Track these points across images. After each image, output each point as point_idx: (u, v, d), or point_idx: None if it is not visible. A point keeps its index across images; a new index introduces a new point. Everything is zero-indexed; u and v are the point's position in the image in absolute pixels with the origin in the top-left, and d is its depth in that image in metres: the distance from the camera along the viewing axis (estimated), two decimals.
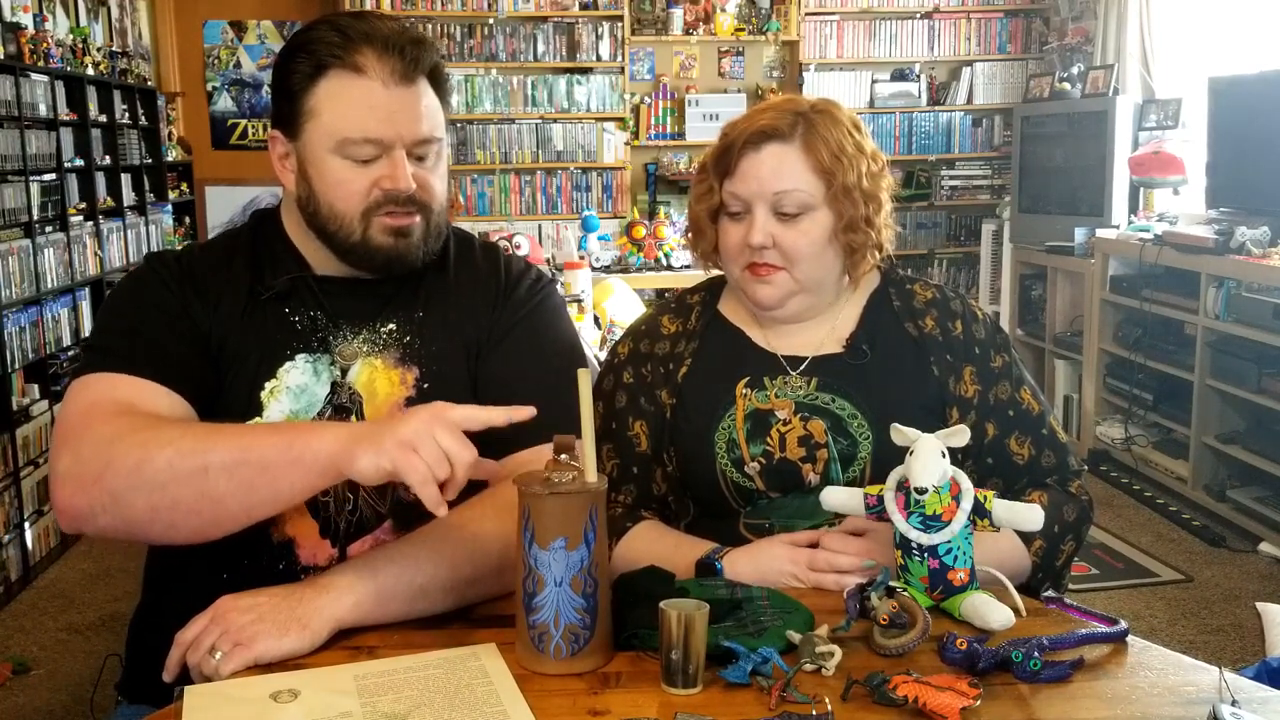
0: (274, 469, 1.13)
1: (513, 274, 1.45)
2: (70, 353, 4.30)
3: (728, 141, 1.44)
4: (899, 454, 1.23)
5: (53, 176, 4.39)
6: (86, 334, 4.45)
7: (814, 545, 1.34)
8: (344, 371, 1.35)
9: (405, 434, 1.08)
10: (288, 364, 1.33)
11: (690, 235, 1.54)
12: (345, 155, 1.29)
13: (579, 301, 3.82)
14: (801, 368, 1.45)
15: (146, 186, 5.74)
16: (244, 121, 6.85)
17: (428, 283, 1.40)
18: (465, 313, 1.40)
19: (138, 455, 1.14)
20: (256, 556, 1.29)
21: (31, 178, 4.10)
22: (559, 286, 3.96)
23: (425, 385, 1.35)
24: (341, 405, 1.34)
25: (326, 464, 1.11)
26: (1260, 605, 2.04)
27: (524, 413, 1.11)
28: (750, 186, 1.41)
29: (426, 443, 1.07)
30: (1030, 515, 1.21)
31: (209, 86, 6.82)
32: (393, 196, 1.29)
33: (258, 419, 1.31)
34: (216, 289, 1.35)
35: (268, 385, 1.32)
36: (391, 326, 1.37)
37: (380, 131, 1.28)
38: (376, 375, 1.35)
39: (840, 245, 1.43)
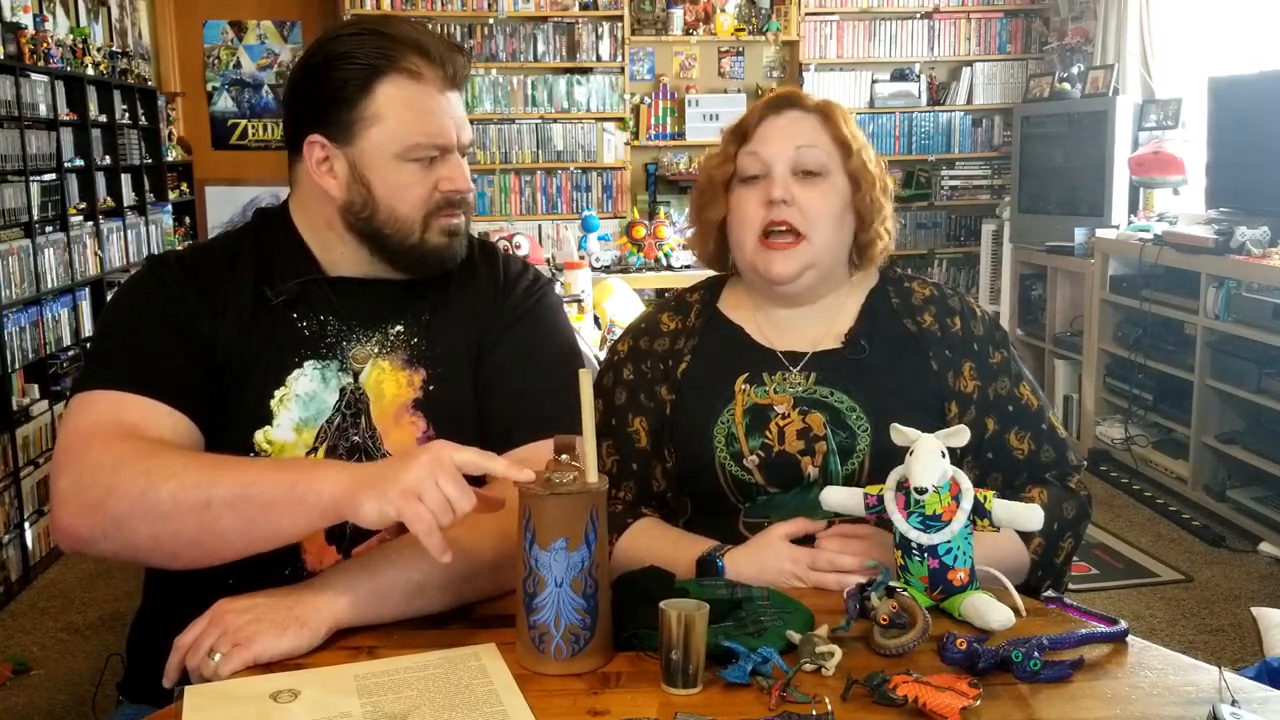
0: (277, 507, 1.13)
1: (510, 274, 1.46)
2: (70, 353, 4.30)
3: (744, 116, 1.48)
4: (898, 447, 1.24)
5: (53, 176, 4.40)
6: (87, 334, 4.45)
7: (810, 535, 1.34)
8: (356, 375, 1.35)
9: (409, 481, 1.07)
10: (296, 371, 1.33)
11: (693, 227, 1.54)
12: (410, 159, 1.31)
13: (579, 301, 3.82)
14: (800, 364, 1.46)
15: (146, 186, 5.74)
16: (244, 121, 6.85)
17: (432, 284, 1.41)
18: (466, 314, 1.41)
19: (141, 484, 1.14)
20: (262, 563, 1.29)
21: (31, 178, 4.11)
22: (559, 286, 3.96)
23: (431, 388, 1.36)
24: (350, 405, 1.34)
25: (329, 506, 1.12)
26: (1256, 610, 2.04)
27: (526, 474, 1.10)
28: (770, 146, 1.43)
29: (430, 490, 1.07)
30: (1030, 515, 1.21)
31: (209, 86, 6.82)
32: (452, 198, 1.33)
33: (267, 427, 1.31)
34: (222, 293, 1.34)
35: (277, 394, 1.32)
36: (400, 328, 1.38)
37: (444, 136, 1.32)
38: (384, 376, 1.35)
39: (854, 217, 1.46)
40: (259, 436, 1.31)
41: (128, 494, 1.14)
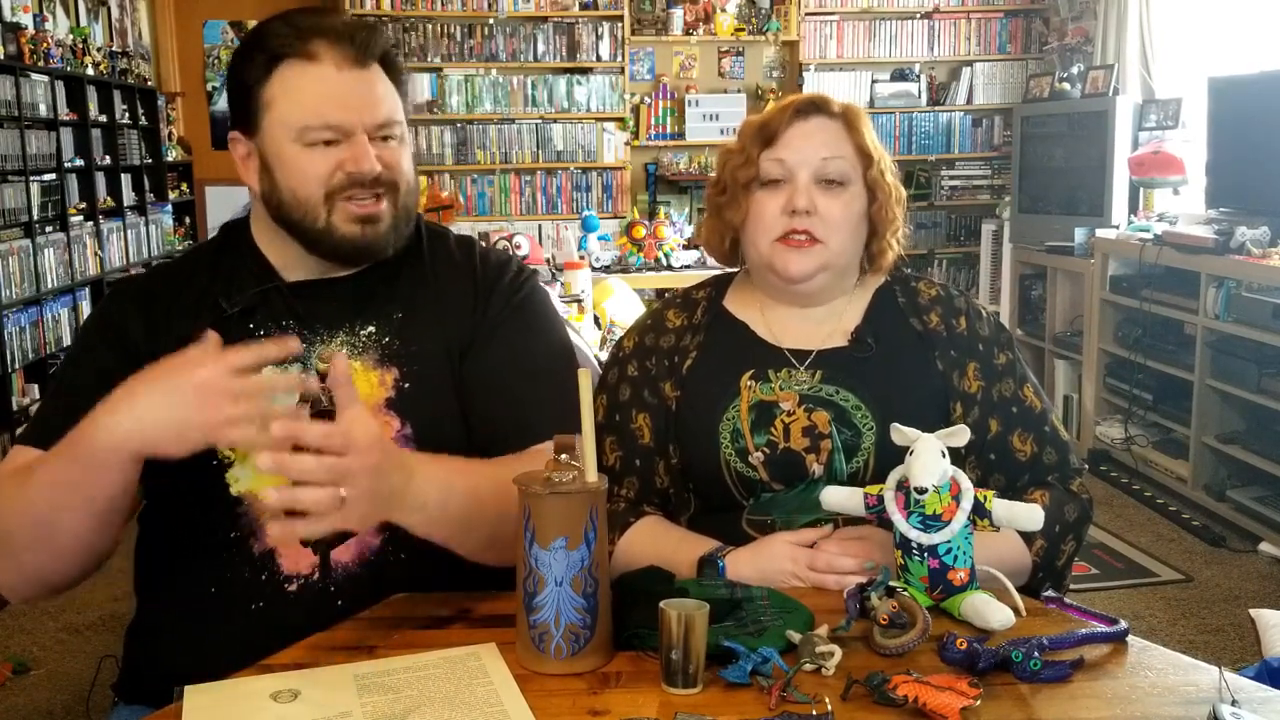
0: (82, 486, 1.15)
1: (491, 268, 1.43)
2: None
3: (767, 117, 1.47)
4: (902, 446, 1.24)
5: (53, 176, 4.40)
6: None
7: (814, 544, 1.34)
8: (323, 376, 1.33)
9: (210, 414, 1.07)
10: (254, 377, 1.32)
11: (708, 223, 1.54)
12: (305, 142, 1.28)
13: (579, 301, 3.82)
14: (806, 361, 1.46)
15: (146, 186, 5.75)
16: None
17: (404, 282, 1.38)
18: (446, 312, 1.38)
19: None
20: (239, 569, 1.29)
21: (32, 178, 4.11)
22: (559, 286, 3.96)
23: (405, 385, 1.33)
24: (323, 411, 1.33)
25: (129, 457, 1.12)
26: (1254, 611, 2.04)
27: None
28: (796, 153, 1.43)
29: (229, 411, 1.07)
30: (1030, 515, 1.21)
31: (209, 86, 6.83)
32: (357, 179, 1.28)
33: None
34: (169, 312, 1.34)
35: None
36: (371, 329, 1.35)
37: (339, 117, 1.27)
38: (356, 377, 1.32)
39: (869, 228, 1.47)
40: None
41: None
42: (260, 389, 1.09)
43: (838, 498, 1.28)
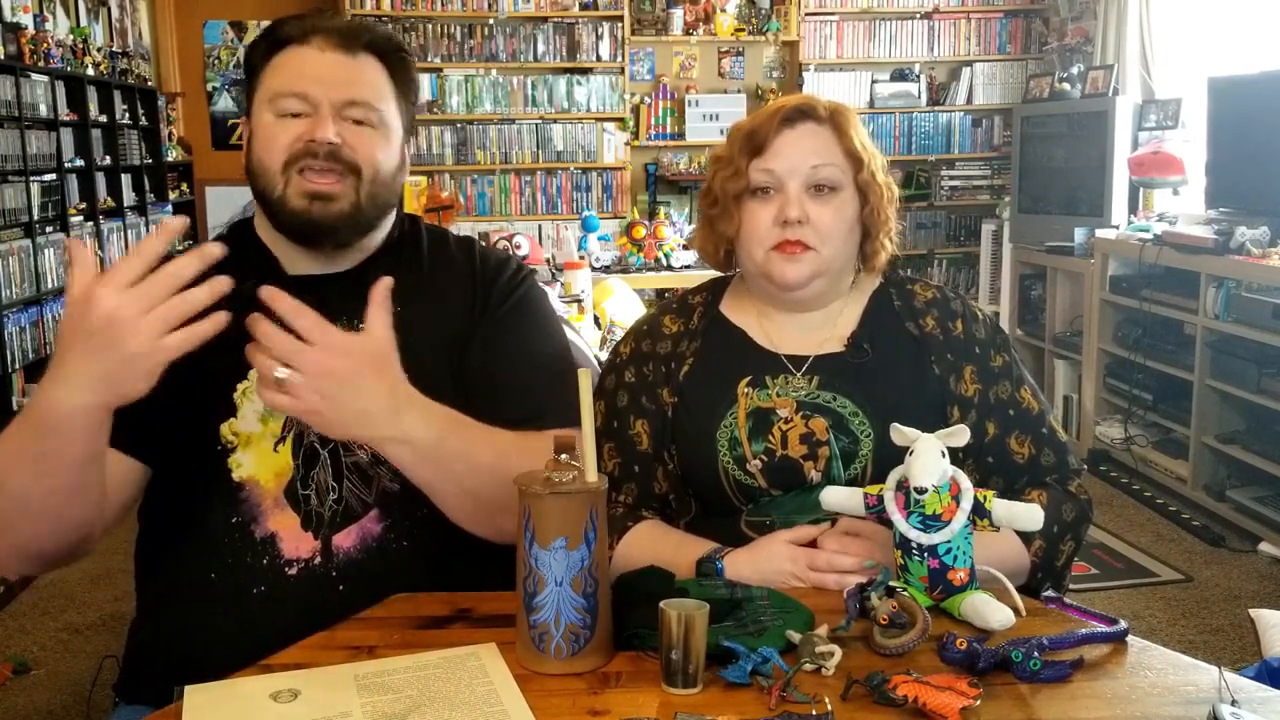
0: (46, 457, 1.13)
1: (490, 266, 1.46)
2: None
3: (755, 124, 1.46)
4: (900, 452, 1.23)
5: (53, 176, 4.40)
6: None
7: (813, 543, 1.34)
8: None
9: (135, 345, 1.06)
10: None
11: (701, 232, 1.54)
12: (275, 111, 1.32)
13: (579, 301, 3.82)
14: (803, 367, 1.46)
15: (147, 186, 5.75)
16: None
17: (404, 278, 1.38)
18: (445, 307, 1.40)
19: None
20: (240, 555, 1.29)
21: (32, 178, 4.11)
22: (559, 287, 3.95)
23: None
24: None
25: (93, 420, 1.10)
26: (1254, 611, 2.04)
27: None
28: (785, 162, 1.43)
29: (153, 327, 1.06)
30: (1030, 515, 1.21)
31: (209, 86, 6.83)
32: (312, 150, 1.31)
33: (232, 419, 1.32)
34: None
35: (240, 386, 1.33)
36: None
37: (306, 87, 1.32)
38: None
39: (862, 230, 1.47)
40: (224, 429, 1.32)
41: None
42: (166, 283, 1.07)
43: (837, 498, 1.28)
